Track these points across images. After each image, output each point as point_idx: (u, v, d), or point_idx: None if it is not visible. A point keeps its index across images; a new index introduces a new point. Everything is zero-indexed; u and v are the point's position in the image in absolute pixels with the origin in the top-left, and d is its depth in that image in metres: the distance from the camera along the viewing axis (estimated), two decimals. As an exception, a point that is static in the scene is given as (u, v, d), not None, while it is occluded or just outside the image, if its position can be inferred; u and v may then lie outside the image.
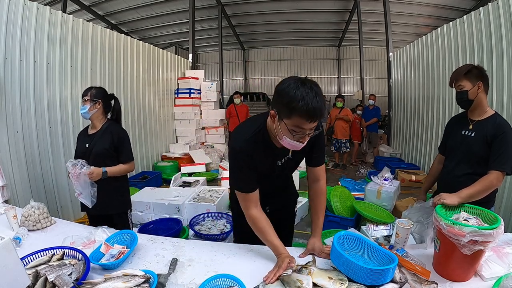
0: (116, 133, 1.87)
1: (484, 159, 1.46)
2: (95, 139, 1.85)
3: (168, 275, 1.10)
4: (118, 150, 1.86)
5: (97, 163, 1.78)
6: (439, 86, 4.73)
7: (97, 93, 1.88)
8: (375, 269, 0.98)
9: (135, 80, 4.84)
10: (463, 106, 1.58)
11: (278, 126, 1.06)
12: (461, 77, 1.51)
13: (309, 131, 1.04)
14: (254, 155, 1.16)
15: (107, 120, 1.92)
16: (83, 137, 1.94)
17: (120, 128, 1.93)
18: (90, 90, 1.88)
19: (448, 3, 8.01)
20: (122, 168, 1.87)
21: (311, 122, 1.00)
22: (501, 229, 0.97)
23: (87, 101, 1.84)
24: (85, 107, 1.84)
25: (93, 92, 1.86)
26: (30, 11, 2.85)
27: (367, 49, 11.13)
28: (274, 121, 1.08)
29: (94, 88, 1.90)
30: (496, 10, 3.25)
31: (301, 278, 1.01)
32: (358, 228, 2.59)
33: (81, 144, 1.91)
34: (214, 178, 5.06)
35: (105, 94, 1.92)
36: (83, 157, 1.83)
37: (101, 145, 1.82)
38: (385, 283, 0.98)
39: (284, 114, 1.02)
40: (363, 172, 5.45)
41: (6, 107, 2.62)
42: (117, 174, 1.85)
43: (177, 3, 8.78)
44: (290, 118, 1.00)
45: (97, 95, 1.87)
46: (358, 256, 1.16)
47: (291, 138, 1.05)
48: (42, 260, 1.16)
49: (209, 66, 13.54)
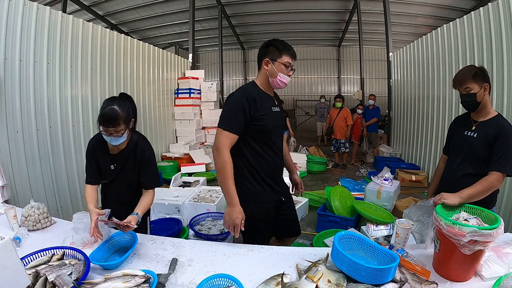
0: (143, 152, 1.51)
1: (485, 160, 1.46)
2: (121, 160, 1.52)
3: (168, 275, 1.10)
4: (143, 173, 1.51)
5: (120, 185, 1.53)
6: (439, 86, 4.73)
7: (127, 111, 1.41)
8: (376, 268, 0.98)
9: (135, 80, 4.84)
10: (470, 108, 1.56)
11: (273, 68, 1.48)
12: (468, 79, 1.48)
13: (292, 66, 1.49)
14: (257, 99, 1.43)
15: (132, 134, 1.53)
16: (103, 155, 1.53)
17: (146, 143, 1.57)
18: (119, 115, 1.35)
19: (448, 3, 8.01)
20: (150, 201, 1.50)
21: (293, 59, 1.50)
22: (501, 229, 0.97)
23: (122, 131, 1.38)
24: (122, 138, 1.40)
25: (124, 116, 1.38)
26: (30, 11, 2.85)
27: (367, 49, 11.13)
28: (268, 66, 1.49)
29: (120, 110, 1.36)
30: (496, 10, 3.25)
31: (302, 286, 1.00)
32: (358, 228, 2.59)
33: (105, 165, 1.54)
34: (214, 178, 5.06)
35: (130, 104, 1.47)
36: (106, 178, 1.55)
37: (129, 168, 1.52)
38: (386, 282, 0.98)
39: (276, 56, 1.47)
40: (363, 172, 5.45)
41: (6, 107, 2.62)
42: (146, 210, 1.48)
43: (177, 3, 8.78)
44: (281, 57, 1.47)
45: (129, 114, 1.41)
46: (359, 255, 1.16)
47: (284, 72, 1.47)
48: (42, 260, 1.16)
49: (209, 66, 13.53)
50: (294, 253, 1.27)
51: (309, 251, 1.30)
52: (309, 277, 1.03)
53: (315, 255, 1.26)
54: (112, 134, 1.37)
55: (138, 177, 1.54)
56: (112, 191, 1.62)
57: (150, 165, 1.55)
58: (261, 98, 1.48)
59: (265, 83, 1.54)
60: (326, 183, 4.79)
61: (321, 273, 1.05)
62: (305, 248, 1.33)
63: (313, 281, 1.01)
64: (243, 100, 1.40)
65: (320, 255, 1.24)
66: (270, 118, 1.48)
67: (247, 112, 1.40)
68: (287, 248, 1.33)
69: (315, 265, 1.11)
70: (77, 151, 3.42)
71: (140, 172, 1.53)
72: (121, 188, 1.56)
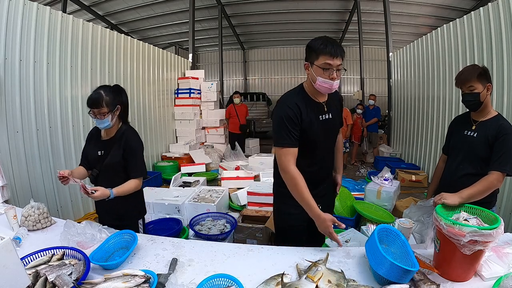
0: (129, 141, 1.58)
1: (485, 159, 1.46)
2: (108, 148, 1.59)
3: (168, 275, 1.10)
4: (128, 162, 1.58)
5: (109, 175, 1.57)
6: (439, 86, 4.73)
7: (113, 97, 1.52)
8: (404, 269, 0.96)
9: (135, 80, 4.84)
10: (472, 108, 1.55)
11: (312, 73, 1.32)
12: (473, 78, 1.47)
13: (336, 68, 1.28)
14: (302, 108, 1.34)
15: (122, 124, 1.63)
16: (96, 141, 1.65)
17: (133, 134, 1.64)
18: (102, 98, 1.48)
19: (448, 3, 8.01)
20: (131, 186, 1.56)
21: (334, 58, 1.26)
22: (501, 229, 0.97)
23: (106, 114, 1.50)
24: (105, 121, 1.50)
25: (108, 100, 1.49)
26: (30, 11, 2.85)
27: (367, 49, 11.13)
28: (308, 71, 1.34)
29: (105, 93, 1.50)
30: (496, 10, 3.25)
31: (302, 286, 1.00)
32: (358, 228, 2.59)
33: (93, 150, 1.64)
34: (214, 178, 5.06)
35: (118, 93, 1.58)
36: (95, 165, 1.61)
37: (114, 156, 1.58)
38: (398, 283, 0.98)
39: (313, 58, 1.30)
40: (363, 172, 5.45)
41: (6, 107, 2.62)
42: (124, 194, 1.54)
43: (177, 3, 8.78)
44: (318, 58, 1.28)
45: (114, 100, 1.53)
46: (388, 250, 1.17)
47: (323, 76, 1.28)
48: (42, 260, 1.16)
49: (209, 66, 13.54)
50: (294, 253, 1.27)
51: (309, 251, 1.29)
52: (309, 277, 1.03)
53: (315, 255, 1.25)
54: (97, 116, 1.50)
55: (124, 172, 1.61)
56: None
57: (135, 154, 1.60)
58: (306, 106, 1.35)
59: (311, 88, 1.38)
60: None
61: (321, 273, 1.05)
62: (305, 248, 1.33)
63: (313, 281, 1.01)
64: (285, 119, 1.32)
65: (320, 255, 1.24)
66: (319, 129, 1.37)
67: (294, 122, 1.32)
68: (287, 248, 1.33)
69: (315, 265, 1.11)
70: (77, 151, 3.41)
71: (126, 162, 1.59)
72: (108, 183, 1.54)
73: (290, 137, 1.32)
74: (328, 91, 1.36)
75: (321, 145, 1.43)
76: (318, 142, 1.40)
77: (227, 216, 2.76)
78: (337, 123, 1.52)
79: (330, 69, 1.27)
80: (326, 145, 1.48)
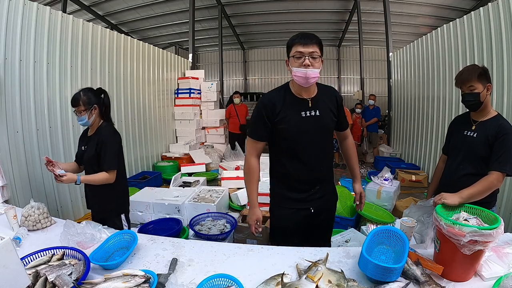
0: (101, 136, 1.72)
1: (485, 159, 1.46)
2: (89, 143, 1.76)
3: (168, 275, 1.10)
4: (100, 156, 1.70)
5: (87, 169, 1.72)
6: (439, 86, 4.73)
7: (89, 97, 1.71)
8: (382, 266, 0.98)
9: (135, 80, 4.83)
10: (472, 108, 1.55)
11: (290, 67, 1.35)
12: (474, 78, 1.47)
13: (309, 55, 1.28)
14: (277, 104, 1.37)
15: (102, 122, 1.80)
16: (83, 138, 1.85)
17: (108, 130, 1.77)
18: (80, 98, 1.69)
19: (448, 3, 8.01)
20: (100, 178, 1.69)
21: (304, 45, 1.28)
22: (501, 229, 0.97)
23: (83, 111, 1.69)
24: (83, 118, 1.70)
25: (85, 99, 1.69)
26: (30, 11, 2.85)
27: (367, 49, 11.13)
28: (289, 67, 1.36)
29: (82, 94, 1.70)
30: (496, 10, 3.25)
31: (302, 286, 1.00)
32: (358, 228, 2.59)
33: (79, 146, 1.83)
34: (214, 178, 5.06)
35: (96, 95, 1.76)
36: (80, 160, 1.79)
37: (91, 151, 1.73)
38: (391, 281, 0.99)
39: (288, 52, 1.34)
40: (363, 172, 5.44)
41: (6, 107, 2.62)
42: (92, 183, 1.70)
43: (177, 3, 8.78)
44: (291, 49, 1.33)
45: (90, 100, 1.71)
46: (389, 251, 1.17)
47: (296, 65, 1.30)
48: (42, 260, 1.16)
49: (209, 66, 13.54)
50: (294, 253, 1.27)
51: (309, 251, 1.29)
52: (309, 277, 1.03)
53: (315, 255, 1.25)
54: (77, 114, 1.71)
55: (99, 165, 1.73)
56: (86, 186, 1.84)
57: (105, 148, 1.71)
58: (286, 101, 1.38)
59: (294, 84, 1.40)
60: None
61: (321, 273, 1.05)
62: (305, 248, 1.33)
63: (313, 281, 1.01)
64: (260, 112, 1.39)
65: (320, 255, 1.24)
66: (297, 125, 1.37)
67: (267, 117, 1.37)
68: (287, 248, 1.33)
69: (315, 265, 1.11)
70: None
71: (99, 155, 1.72)
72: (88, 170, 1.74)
73: (257, 131, 1.43)
74: (305, 82, 1.31)
75: (305, 143, 1.40)
76: (299, 139, 1.38)
77: (227, 216, 2.76)
78: (327, 122, 1.44)
79: (302, 57, 1.29)
80: (313, 144, 1.41)
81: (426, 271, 1.05)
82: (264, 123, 1.38)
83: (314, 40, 1.30)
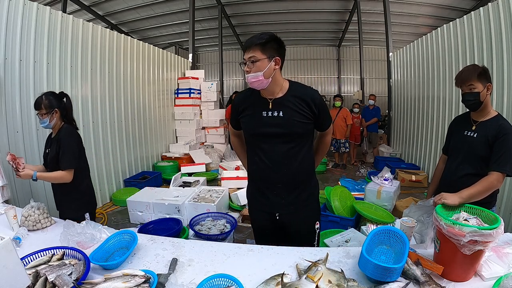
0: (60, 136, 1.76)
1: (485, 160, 1.46)
2: (52, 145, 1.80)
3: (168, 275, 1.10)
4: (58, 154, 1.73)
5: (52, 170, 1.75)
6: (439, 86, 4.73)
7: (50, 101, 1.75)
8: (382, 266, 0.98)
9: (135, 80, 4.84)
10: (472, 108, 1.54)
11: None
12: (473, 78, 1.47)
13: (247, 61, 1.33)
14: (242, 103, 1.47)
15: (63, 124, 1.83)
16: (47, 140, 1.89)
17: (66, 131, 1.80)
18: (41, 101, 1.74)
19: (448, 3, 8.00)
20: (55, 176, 1.72)
21: (245, 51, 1.35)
22: (501, 229, 0.97)
23: (44, 114, 1.73)
24: (45, 121, 1.75)
25: (46, 103, 1.74)
26: (30, 11, 2.85)
27: (367, 49, 11.12)
28: None
29: (44, 98, 1.75)
30: (496, 10, 3.25)
31: (302, 286, 1.00)
32: (358, 228, 2.59)
33: (45, 149, 1.87)
34: (214, 178, 5.06)
35: (58, 99, 1.81)
36: (44, 162, 1.84)
37: (52, 152, 1.77)
38: (391, 281, 0.99)
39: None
40: (363, 172, 5.45)
41: (6, 107, 2.62)
42: (48, 180, 1.76)
43: (177, 3, 8.77)
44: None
45: (52, 104, 1.75)
46: (390, 251, 1.18)
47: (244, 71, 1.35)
48: (42, 260, 1.16)
49: (209, 66, 13.52)
50: (294, 253, 1.27)
51: (309, 251, 1.29)
52: (309, 277, 1.03)
53: (315, 255, 1.25)
54: (39, 116, 1.76)
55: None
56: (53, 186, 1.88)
57: (63, 147, 1.73)
58: (247, 101, 1.46)
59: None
60: (326, 183, 4.79)
61: (321, 273, 1.05)
62: (305, 248, 1.33)
63: (313, 281, 1.01)
64: (234, 102, 1.56)
65: (320, 255, 1.24)
66: (255, 123, 1.40)
67: (237, 112, 1.51)
68: (287, 248, 1.33)
69: (315, 265, 1.11)
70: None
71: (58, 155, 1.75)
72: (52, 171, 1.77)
73: (232, 121, 1.59)
74: (255, 85, 1.34)
75: (265, 141, 1.40)
76: (258, 136, 1.42)
77: (227, 216, 2.76)
78: (292, 123, 1.35)
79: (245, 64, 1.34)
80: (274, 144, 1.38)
81: (426, 271, 1.05)
82: (235, 116, 1.54)
83: (254, 42, 1.31)
